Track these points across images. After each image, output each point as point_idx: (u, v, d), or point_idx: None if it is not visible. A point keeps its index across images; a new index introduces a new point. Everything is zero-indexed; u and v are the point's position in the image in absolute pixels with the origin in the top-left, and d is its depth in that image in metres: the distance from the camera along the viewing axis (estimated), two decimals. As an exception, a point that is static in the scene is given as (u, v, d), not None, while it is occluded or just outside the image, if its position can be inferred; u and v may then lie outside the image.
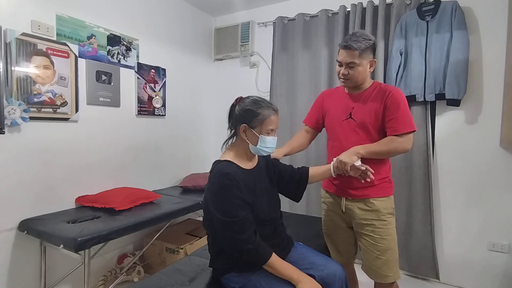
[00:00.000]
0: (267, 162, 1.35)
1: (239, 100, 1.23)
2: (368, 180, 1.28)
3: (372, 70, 1.40)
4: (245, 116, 1.18)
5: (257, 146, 1.19)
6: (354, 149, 1.32)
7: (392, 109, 1.32)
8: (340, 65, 1.37)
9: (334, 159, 1.35)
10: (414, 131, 1.32)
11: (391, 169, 1.47)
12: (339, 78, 1.40)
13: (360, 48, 1.30)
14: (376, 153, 1.33)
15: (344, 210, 1.45)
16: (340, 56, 1.35)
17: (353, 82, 1.37)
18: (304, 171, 1.41)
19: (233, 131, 1.25)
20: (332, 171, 1.34)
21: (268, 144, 1.19)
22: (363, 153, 1.31)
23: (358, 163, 1.29)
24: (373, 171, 1.27)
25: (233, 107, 1.23)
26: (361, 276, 1.65)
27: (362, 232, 1.41)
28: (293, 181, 1.39)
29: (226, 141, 1.29)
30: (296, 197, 1.41)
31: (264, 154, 1.24)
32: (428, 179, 2.17)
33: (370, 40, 1.32)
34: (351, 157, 1.29)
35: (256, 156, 1.30)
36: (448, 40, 2.02)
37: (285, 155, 1.53)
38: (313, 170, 1.41)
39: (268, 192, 1.27)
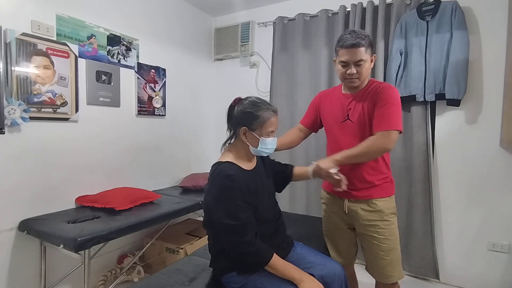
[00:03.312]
0: (264, 160, 1.35)
1: (238, 101, 1.21)
2: (340, 190, 1.27)
3: (372, 66, 1.38)
4: (245, 118, 1.17)
5: (258, 148, 1.18)
6: (332, 156, 1.31)
7: (378, 105, 1.29)
8: (345, 65, 1.32)
9: (313, 162, 1.34)
10: (397, 130, 1.27)
11: (392, 169, 1.46)
12: (346, 79, 1.35)
13: (365, 44, 1.29)
14: (352, 157, 1.29)
15: (347, 212, 1.44)
16: (345, 56, 1.30)
17: (361, 80, 1.35)
18: (289, 167, 1.45)
19: (232, 132, 1.24)
20: (310, 174, 1.36)
21: (269, 146, 1.19)
22: (340, 159, 1.28)
23: (334, 170, 1.25)
24: (347, 182, 1.25)
25: (231, 108, 1.22)
26: (361, 277, 1.65)
27: (365, 234, 1.40)
28: (276, 173, 1.41)
29: (225, 142, 1.28)
30: (278, 189, 1.43)
31: (265, 155, 1.24)
32: (428, 179, 2.17)
33: (368, 35, 1.32)
34: (329, 163, 1.28)
35: (255, 156, 1.30)
36: (448, 40, 2.02)
37: (275, 150, 1.52)
38: (296, 170, 1.45)
39: (268, 191, 1.28)
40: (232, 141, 1.27)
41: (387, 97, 1.29)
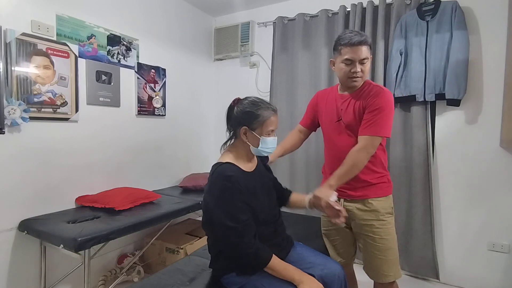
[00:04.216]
0: (265, 164, 1.36)
1: (237, 101, 1.22)
2: (338, 222, 1.19)
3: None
4: (245, 118, 1.17)
5: (259, 148, 1.19)
6: (326, 182, 1.27)
7: (369, 109, 1.29)
8: (349, 64, 1.31)
9: (311, 193, 1.28)
10: (381, 136, 1.27)
11: (391, 169, 1.46)
12: (349, 77, 1.33)
13: (369, 43, 1.30)
14: (343, 175, 1.26)
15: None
16: (350, 53, 1.28)
17: (364, 79, 1.36)
18: (286, 193, 1.41)
19: (232, 133, 1.24)
20: (306, 204, 1.30)
21: (269, 145, 1.19)
22: (334, 183, 1.25)
23: (334, 198, 1.19)
24: (346, 215, 1.20)
25: (231, 109, 1.22)
26: (361, 276, 1.64)
27: (361, 233, 1.40)
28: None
29: (225, 143, 1.28)
30: None
31: (265, 155, 1.25)
32: (428, 179, 2.17)
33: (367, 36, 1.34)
34: (327, 191, 1.22)
35: (255, 156, 1.30)
36: (448, 40, 2.02)
37: (278, 157, 1.54)
38: (293, 197, 1.39)
39: (268, 193, 1.28)
40: (232, 142, 1.27)
41: (379, 102, 1.28)
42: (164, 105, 2.65)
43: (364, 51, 1.28)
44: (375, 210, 1.36)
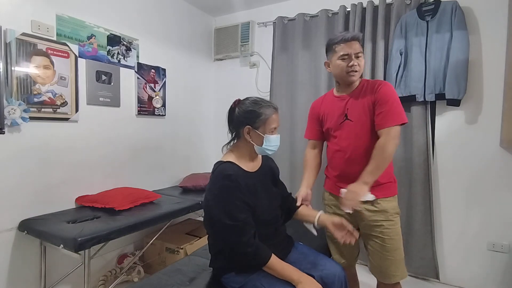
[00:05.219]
0: (272, 169, 1.36)
1: (238, 102, 1.23)
2: (347, 241, 1.22)
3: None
4: (248, 117, 1.18)
5: (263, 146, 1.19)
6: (360, 180, 1.25)
7: (380, 103, 1.31)
8: (345, 59, 1.34)
9: (321, 211, 1.30)
10: (403, 123, 1.29)
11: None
12: (348, 72, 1.35)
13: (361, 39, 1.36)
14: (375, 170, 1.25)
15: (351, 212, 1.44)
16: (346, 49, 1.33)
17: (360, 73, 1.38)
18: (295, 204, 1.41)
19: (234, 134, 1.25)
20: (316, 221, 1.32)
21: (273, 143, 1.21)
22: (368, 179, 1.23)
23: (370, 197, 1.21)
24: (357, 237, 1.23)
25: (232, 110, 1.23)
26: (362, 277, 1.65)
27: (370, 234, 1.39)
28: (284, 207, 1.38)
29: (227, 144, 1.28)
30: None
31: (270, 153, 1.25)
32: (428, 179, 2.17)
33: None
34: (361, 188, 1.21)
35: (259, 157, 1.30)
36: (448, 40, 2.02)
37: (313, 183, 1.54)
38: (302, 209, 1.40)
39: (270, 194, 1.28)
40: (234, 142, 1.27)
41: (386, 93, 1.32)
42: (164, 105, 2.65)
43: (358, 45, 1.35)
44: (384, 211, 1.36)
